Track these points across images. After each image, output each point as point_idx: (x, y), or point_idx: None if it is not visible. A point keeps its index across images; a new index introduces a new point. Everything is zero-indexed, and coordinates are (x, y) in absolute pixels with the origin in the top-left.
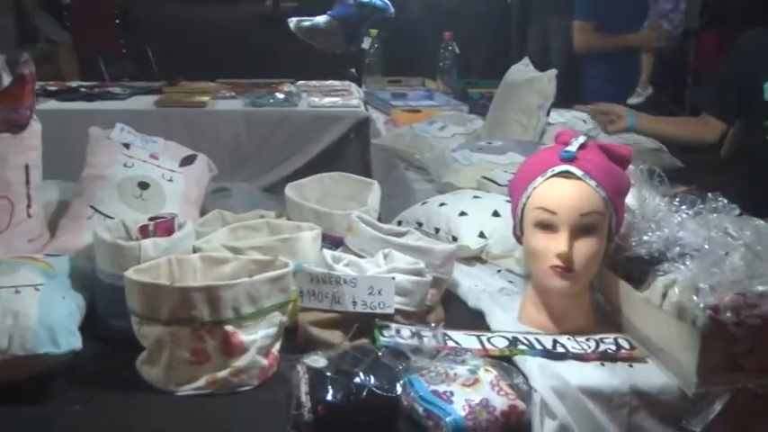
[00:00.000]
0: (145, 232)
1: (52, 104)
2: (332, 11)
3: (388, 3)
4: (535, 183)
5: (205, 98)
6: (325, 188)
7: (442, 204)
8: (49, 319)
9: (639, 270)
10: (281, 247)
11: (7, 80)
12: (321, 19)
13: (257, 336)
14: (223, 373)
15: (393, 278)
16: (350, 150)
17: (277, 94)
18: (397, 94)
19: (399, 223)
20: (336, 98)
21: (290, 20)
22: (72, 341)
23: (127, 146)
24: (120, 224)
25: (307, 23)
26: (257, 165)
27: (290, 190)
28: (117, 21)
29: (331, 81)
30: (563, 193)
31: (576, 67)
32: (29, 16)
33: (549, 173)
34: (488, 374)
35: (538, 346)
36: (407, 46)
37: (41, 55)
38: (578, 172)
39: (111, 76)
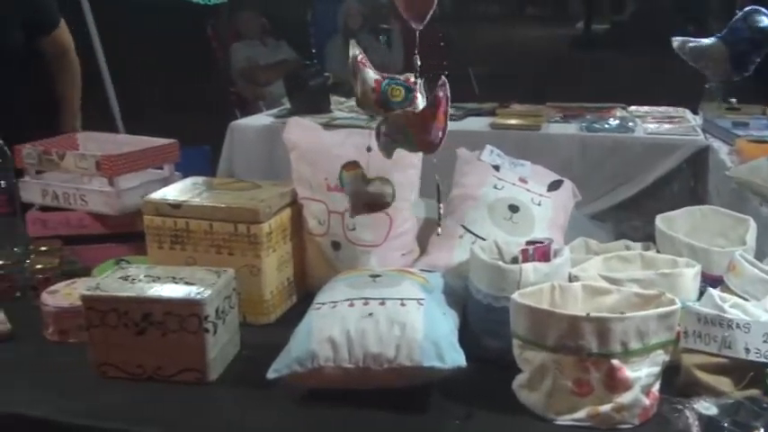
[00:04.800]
0: (525, 256)
1: None
2: (721, 34)
3: None
4: None
5: (539, 121)
6: (694, 222)
7: None
8: (435, 333)
9: None
10: (660, 282)
11: (422, 103)
12: (708, 42)
13: (641, 373)
14: (605, 408)
15: None
16: (683, 181)
17: (611, 119)
18: (737, 123)
19: None
20: (673, 125)
21: (674, 39)
22: (456, 357)
23: (497, 168)
24: (494, 245)
25: (691, 44)
26: (587, 191)
27: (660, 222)
28: (442, 43)
29: (664, 107)
30: None
31: None
32: (356, 37)
33: None
34: None
35: None
36: None
37: None
38: None
39: None
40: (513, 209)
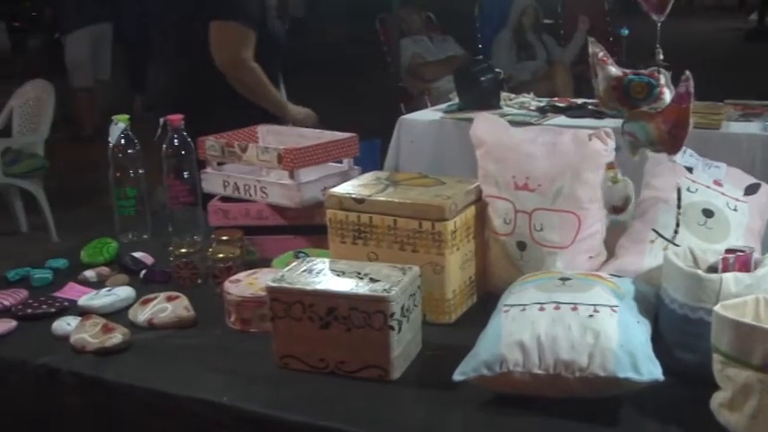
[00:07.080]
0: (725, 265)
1: (561, 120)
2: None
3: None
4: None
5: (718, 120)
6: None
7: None
8: (630, 343)
9: None
10: None
11: (670, 97)
12: None
13: None
14: None
15: None
16: None
17: None
18: None
19: None
20: None
21: None
22: (653, 370)
23: (690, 170)
24: (689, 252)
25: None
26: None
27: None
28: (610, 38)
29: None
30: None
31: None
32: (525, 33)
33: None
34: None
35: None
36: None
37: (538, 73)
38: None
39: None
40: (708, 213)
